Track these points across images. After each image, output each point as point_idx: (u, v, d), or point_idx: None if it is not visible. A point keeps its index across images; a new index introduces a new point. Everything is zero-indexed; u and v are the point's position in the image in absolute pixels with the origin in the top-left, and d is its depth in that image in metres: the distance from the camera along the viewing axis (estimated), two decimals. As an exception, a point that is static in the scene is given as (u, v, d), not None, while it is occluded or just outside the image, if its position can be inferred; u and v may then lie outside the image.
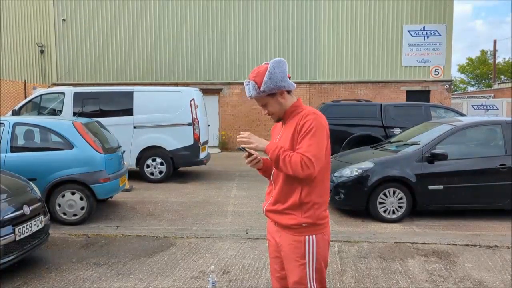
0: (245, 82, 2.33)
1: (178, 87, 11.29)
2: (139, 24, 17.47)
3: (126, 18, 17.48)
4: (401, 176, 6.32)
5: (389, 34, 16.96)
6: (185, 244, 5.29)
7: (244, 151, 2.34)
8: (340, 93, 16.98)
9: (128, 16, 17.47)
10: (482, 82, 46.39)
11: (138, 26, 17.47)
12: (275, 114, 2.37)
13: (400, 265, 4.63)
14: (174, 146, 9.66)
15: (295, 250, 2.29)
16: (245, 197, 7.79)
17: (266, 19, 17.25)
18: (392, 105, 11.17)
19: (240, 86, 17.29)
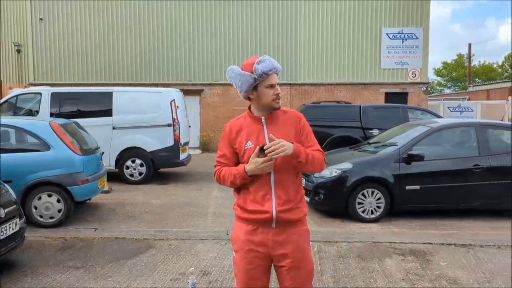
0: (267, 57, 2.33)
1: (158, 88, 11.22)
2: (119, 24, 17.27)
3: (105, 17, 17.25)
4: (379, 177, 6.43)
5: (368, 36, 17.21)
6: (165, 246, 5.26)
7: (263, 152, 2.21)
8: (320, 95, 17.13)
9: (107, 16, 17.25)
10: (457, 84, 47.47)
11: (117, 26, 17.27)
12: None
13: (378, 264, 4.71)
14: (154, 147, 9.58)
15: (306, 239, 2.40)
16: (226, 198, 7.79)
17: (247, 20, 17.29)
18: (371, 106, 11.35)
19: (221, 87, 17.27)
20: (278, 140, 2.20)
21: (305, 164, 2.29)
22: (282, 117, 2.39)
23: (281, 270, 2.36)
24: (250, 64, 2.29)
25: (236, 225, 2.43)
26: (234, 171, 2.33)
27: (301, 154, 2.26)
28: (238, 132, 2.38)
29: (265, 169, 2.24)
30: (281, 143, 2.18)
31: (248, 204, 2.33)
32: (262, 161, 2.21)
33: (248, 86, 2.31)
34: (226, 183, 2.40)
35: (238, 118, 2.47)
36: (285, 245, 2.31)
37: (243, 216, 2.36)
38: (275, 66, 2.31)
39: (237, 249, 2.38)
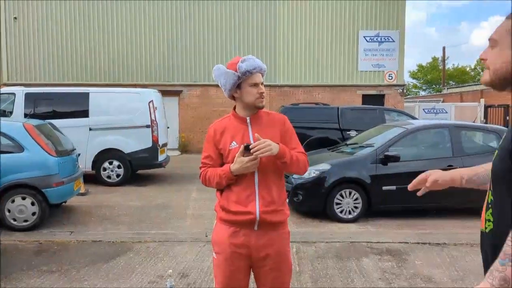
0: (252, 56, 2.36)
1: (136, 89, 11.10)
2: (95, 24, 17.01)
3: (82, 18, 16.97)
4: (356, 178, 6.52)
5: (345, 39, 17.44)
6: (143, 248, 5.21)
7: (249, 151, 2.21)
8: (299, 96, 17.26)
9: (83, 16, 16.97)
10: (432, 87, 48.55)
11: (95, 26, 17.01)
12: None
13: (356, 264, 4.77)
14: (132, 148, 9.48)
15: (287, 242, 2.43)
16: (205, 200, 7.76)
17: (226, 21, 17.28)
18: (348, 108, 11.51)
19: (200, 87, 17.22)
20: (264, 139, 2.22)
21: (289, 165, 2.31)
22: (267, 118, 2.41)
23: (260, 271, 2.36)
24: (234, 63, 2.32)
25: (217, 226, 2.41)
26: (220, 171, 2.33)
27: (286, 155, 2.28)
28: (223, 132, 2.38)
29: (250, 168, 2.25)
30: (267, 142, 2.20)
31: (231, 205, 2.32)
32: (247, 160, 2.22)
33: (232, 84, 2.32)
34: (212, 184, 2.39)
35: (222, 119, 2.48)
36: (266, 247, 2.32)
37: (225, 217, 2.35)
38: (259, 65, 2.33)
39: (219, 251, 2.37)
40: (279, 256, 2.34)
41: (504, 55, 1.37)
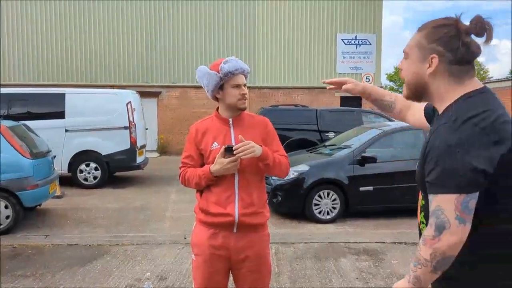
0: (234, 58, 2.38)
1: (114, 90, 10.97)
2: (73, 24, 16.72)
3: (58, 17, 16.66)
4: (334, 179, 6.60)
5: (324, 42, 17.63)
6: (120, 251, 5.14)
7: (230, 153, 2.20)
8: (279, 98, 17.35)
9: (60, 15, 16.66)
10: (409, 89, 49.49)
11: (71, 26, 16.71)
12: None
13: (334, 264, 4.82)
14: (109, 150, 9.35)
15: (266, 244, 2.43)
16: (184, 202, 7.71)
17: (205, 22, 17.23)
18: (327, 110, 11.64)
19: (180, 89, 17.12)
20: (248, 141, 2.22)
21: (272, 167, 2.32)
22: (249, 120, 2.42)
23: (239, 273, 2.36)
24: (217, 64, 2.32)
25: (197, 228, 2.40)
26: (200, 172, 2.31)
27: (269, 157, 2.28)
28: (204, 133, 2.37)
29: (230, 169, 2.24)
30: (250, 144, 2.20)
31: (210, 206, 2.31)
32: (228, 162, 2.21)
33: (214, 85, 2.32)
34: (191, 185, 2.38)
35: (204, 119, 2.47)
36: (246, 250, 2.31)
37: (205, 219, 2.34)
38: (242, 66, 2.34)
39: (198, 252, 2.36)
40: (258, 258, 2.35)
41: (412, 68, 1.48)
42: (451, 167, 1.29)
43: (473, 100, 1.38)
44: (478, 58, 1.48)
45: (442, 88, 1.44)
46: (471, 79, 1.44)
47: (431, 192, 1.36)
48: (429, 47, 1.43)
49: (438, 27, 1.43)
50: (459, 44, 1.39)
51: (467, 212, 1.29)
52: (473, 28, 1.40)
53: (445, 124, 1.36)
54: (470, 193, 1.28)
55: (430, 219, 1.35)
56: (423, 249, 1.35)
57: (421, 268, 1.36)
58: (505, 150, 1.30)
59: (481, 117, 1.31)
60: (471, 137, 1.29)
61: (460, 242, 1.30)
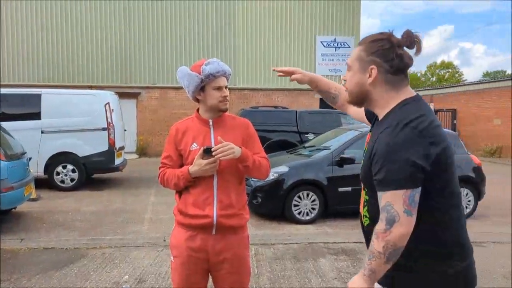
0: (216, 59, 2.35)
1: (92, 90, 10.82)
2: (50, 23, 16.41)
3: (34, 17, 16.31)
4: (314, 179, 6.66)
5: (303, 44, 17.78)
6: (98, 254, 5.07)
7: (209, 154, 2.19)
8: (259, 100, 17.40)
9: (37, 15, 16.31)
10: (387, 91, 50.28)
11: (48, 25, 16.39)
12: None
13: (313, 264, 4.87)
14: (87, 152, 9.21)
15: (246, 246, 2.41)
16: (164, 204, 7.66)
17: (185, 23, 17.16)
18: (306, 111, 11.73)
19: (159, 90, 16.99)
20: (227, 142, 2.20)
21: (251, 169, 2.31)
22: (230, 122, 2.41)
23: (218, 275, 2.35)
24: (198, 65, 2.30)
25: (176, 230, 2.39)
26: (178, 172, 2.30)
27: (248, 159, 2.27)
28: (184, 133, 2.35)
29: (208, 171, 2.23)
30: (229, 145, 2.19)
31: (189, 208, 2.29)
32: (206, 163, 2.20)
33: (195, 87, 2.31)
34: (170, 185, 2.36)
35: (185, 120, 2.45)
36: (224, 252, 2.30)
37: (183, 221, 2.32)
38: (223, 69, 2.32)
39: (176, 254, 2.35)
40: (237, 260, 2.34)
41: (355, 78, 1.64)
42: (396, 165, 1.44)
43: (409, 107, 1.55)
44: (454, 62, 1.60)
45: (382, 95, 1.61)
46: (406, 87, 1.62)
47: (380, 190, 1.49)
48: (368, 59, 1.59)
49: (375, 41, 1.59)
50: (393, 56, 1.56)
51: (413, 205, 1.44)
52: (404, 41, 1.58)
53: (388, 129, 1.51)
54: (415, 188, 1.44)
55: (381, 215, 1.48)
56: (376, 243, 1.47)
57: (375, 261, 1.48)
58: (439, 150, 1.48)
59: (418, 121, 1.48)
60: (411, 138, 1.45)
61: (408, 233, 1.44)
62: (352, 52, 1.68)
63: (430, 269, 1.54)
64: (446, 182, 1.53)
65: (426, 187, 1.47)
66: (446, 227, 1.54)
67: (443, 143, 1.51)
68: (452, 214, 1.56)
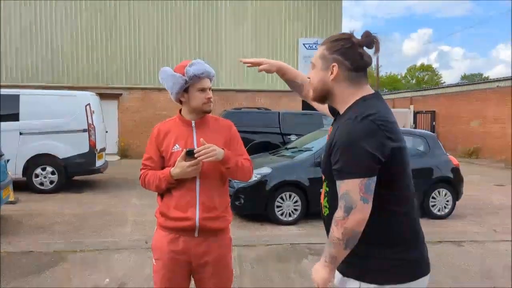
0: (200, 60, 2.35)
1: (72, 91, 10.66)
2: (28, 22, 16.08)
3: (12, 15, 15.97)
4: (296, 180, 6.71)
5: (286, 46, 17.88)
6: (79, 258, 5.00)
7: (191, 156, 2.18)
8: (242, 101, 17.41)
9: (14, 13, 15.98)
10: (369, 93, 50.99)
11: (26, 24, 16.07)
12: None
13: (295, 265, 4.90)
14: (67, 153, 9.07)
15: (228, 248, 2.41)
16: (146, 206, 7.60)
17: (168, 23, 17.06)
18: (289, 113, 11.81)
19: (141, 91, 16.85)
20: (210, 144, 2.19)
21: (234, 171, 2.30)
22: (213, 123, 2.40)
23: (200, 277, 2.35)
24: (182, 66, 2.28)
25: (157, 233, 2.37)
26: (160, 174, 2.27)
27: (230, 161, 2.26)
28: (166, 134, 2.33)
29: (191, 173, 2.21)
30: (212, 147, 2.18)
31: (171, 211, 2.27)
32: (188, 165, 2.18)
33: (179, 88, 2.29)
34: (151, 187, 2.33)
35: (167, 121, 2.43)
36: (207, 254, 2.29)
37: (165, 224, 2.30)
38: (208, 70, 2.31)
39: (159, 257, 2.33)
40: (220, 262, 2.33)
41: (318, 75, 1.73)
42: (354, 155, 1.53)
43: (369, 102, 1.65)
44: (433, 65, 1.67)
45: (342, 92, 1.70)
46: (366, 85, 1.72)
47: (338, 179, 1.58)
48: (330, 57, 1.69)
49: (337, 40, 1.69)
50: (354, 54, 1.66)
51: (369, 193, 1.53)
52: (364, 41, 1.68)
53: (348, 120, 1.60)
54: (370, 177, 1.53)
55: (339, 202, 1.56)
56: (335, 230, 1.56)
57: (335, 248, 1.57)
58: (395, 145, 1.56)
59: (377, 115, 1.57)
60: (369, 130, 1.53)
61: (364, 219, 1.53)
62: (316, 51, 1.77)
63: (383, 256, 1.62)
64: (398, 175, 1.62)
65: (380, 178, 1.55)
66: (397, 218, 1.63)
67: (399, 142, 1.59)
68: (402, 206, 1.64)
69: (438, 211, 7.34)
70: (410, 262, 1.64)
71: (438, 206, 7.34)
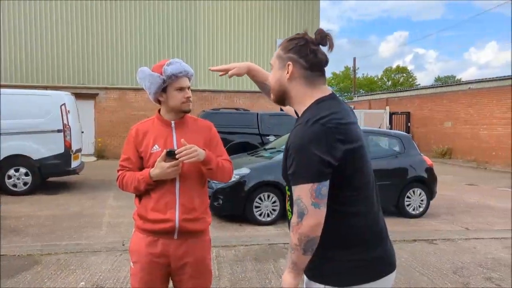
0: (178, 60, 2.32)
1: (47, 91, 10.43)
2: (1, 21, 15.64)
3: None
4: (274, 181, 6.74)
5: (264, 47, 17.95)
6: (53, 261, 4.90)
7: (172, 157, 2.15)
8: (221, 102, 17.39)
9: (-15, 9, 15.53)
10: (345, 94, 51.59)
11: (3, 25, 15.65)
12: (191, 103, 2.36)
13: (273, 265, 4.93)
14: (41, 154, 8.88)
15: (207, 250, 2.39)
16: (123, 207, 7.51)
17: (145, 23, 16.90)
18: (267, 114, 11.86)
19: (118, 91, 16.62)
20: (191, 145, 2.16)
21: (215, 172, 2.28)
22: (193, 124, 2.37)
23: (179, 279, 2.32)
24: (160, 66, 2.26)
25: (135, 235, 2.33)
26: (139, 175, 2.23)
27: (212, 162, 2.25)
28: (145, 134, 2.28)
29: (171, 174, 2.18)
30: (193, 148, 2.15)
31: (149, 213, 2.24)
32: (168, 166, 2.15)
33: (157, 88, 2.26)
34: (129, 189, 2.28)
35: (145, 121, 2.39)
36: (186, 256, 2.27)
37: (143, 226, 2.27)
38: (186, 69, 2.28)
39: (136, 260, 2.29)
40: (199, 264, 2.31)
41: (276, 76, 1.74)
42: (304, 160, 1.52)
43: (323, 104, 1.64)
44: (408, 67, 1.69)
45: (298, 91, 1.70)
46: (322, 85, 1.71)
47: (292, 184, 1.58)
48: (285, 56, 1.69)
49: (291, 40, 1.70)
50: (308, 51, 1.66)
51: (321, 197, 1.51)
52: (317, 38, 1.68)
53: (300, 124, 1.60)
54: (321, 182, 1.51)
55: (293, 208, 1.57)
56: (292, 236, 1.56)
57: (294, 253, 1.56)
58: (348, 147, 1.55)
59: (328, 118, 1.55)
60: (319, 134, 1.52)
61: (318, 224, 1.52)
62: (275, 52, 1.76)
63: (343, 258, 1.61)
64: (354, 176, 1.61)
65: (334, 181, 1.54)
66: (354, 219, 1.63)
67: (355, 143, 1.58)
68: (360, 206, 1.64)
69: (413, 210, 7.50)
70: (371, 262, 1.63)
71: (413, 205, 7.50)
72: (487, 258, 5.29)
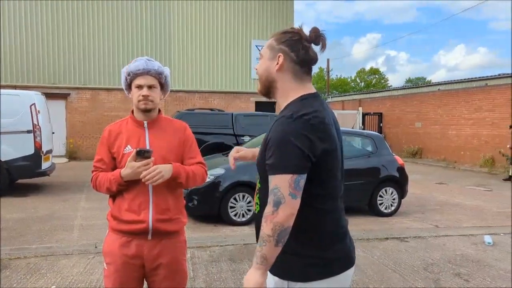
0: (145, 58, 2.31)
1: (15, 90, 10.13)
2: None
3: None
4: (249, 181, 6.76)
5: (239, 48, 17.98)
6: (22, 265, 4.77)
7: (142, 156, 2.13)
8: (195, 102, 17.30)
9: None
10: (320, 95, 52.20)
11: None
12: (154, 103, 2.28)
13: (248, 265, 4.94)
14: (10, 156, 8.62)
15: (182, 251, 2.37)
16: (95, 209, 7.37)
17: (118, 22, 16.64)
18: (242, 114, 11.88)
19: (90, 91, 16.31)
20: (154, 166, 2.13)
21: (185, 184, 2.27)
22: (166, 124, 2.35)
23: (154, 280, 2.31)
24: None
25: (109, 236, 2.31)
26: (110, 176, 2.21)
27: (180, 175, 2.23)
28: (118, 135, 2.27)
29: (142, 174, 2.16)
30: (157, 170, 2.12)
31: (123, 213, 2.22)
32: (139, 165, 2.13)
33: (124, 85, 2.31)
34: (102, 190, 2.27)
35: (118, 122, 2.37)
36: (160, 257, 2.26)
37: (117, 227, 2.25)
38: (147, 67, 2.25)
39: (110, 261, 2.26)
40: (174, 265, 2.30)
41: (264, 65, 1.76)
42: (286, 151, 1.55)
43: (307, 101, 1.67)
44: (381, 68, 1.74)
45: (285, 84, 1.72)
46: (308, 83, 1.75)
47: (270, 174, 1.58)
48: (277, 47, 1.71)
49: (285, 32, 1.73)
50: (300, 47, 1.69)
51: (298, 189, 1.54)
52: (311, 36, 1.71)
53: (283, 117, 1.62)
54: (300, 174, 1.55)
55: (269, 197, 1.57)
56: (265, 226, 1.55)
57: (266, 245, 1.54)
58: (326, 147, 1.60)
59: (312, 115, 1.59)
60: (303, 129, 1.56)
61: (293, 214, 1.54)
62: (266, 43, 1.78)
63: (308, 254, 1.65)
64: (327, 176, 1.65)
65: (309, 176, 1.58)
66: (322, 215, 1.66)
67: (333, 144, 1.63)
68: (329, 205, 1.68)
69: (385, 209, 7.66)
70: (334, 257, 1.67)
71: (385, 204, 7.66)
72: (456, 255, 5.46)
